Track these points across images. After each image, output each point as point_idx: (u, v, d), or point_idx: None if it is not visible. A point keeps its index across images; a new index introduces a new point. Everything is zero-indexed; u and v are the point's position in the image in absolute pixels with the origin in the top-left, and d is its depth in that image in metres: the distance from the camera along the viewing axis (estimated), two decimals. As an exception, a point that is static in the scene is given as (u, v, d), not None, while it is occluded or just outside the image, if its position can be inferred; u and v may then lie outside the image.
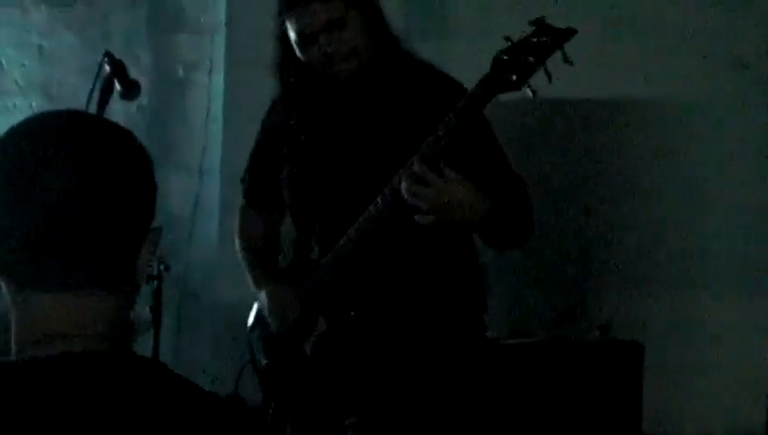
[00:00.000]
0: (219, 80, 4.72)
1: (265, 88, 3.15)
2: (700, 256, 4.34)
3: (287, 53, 2.94)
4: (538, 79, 2.66)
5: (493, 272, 4.18)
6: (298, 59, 2.92)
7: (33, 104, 4.83)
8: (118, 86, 3.30)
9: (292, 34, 2.90)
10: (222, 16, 4.73)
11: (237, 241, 3.24)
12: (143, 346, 3.74)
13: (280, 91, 3.05)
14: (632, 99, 4.40)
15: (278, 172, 3.07)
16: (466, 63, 2.70)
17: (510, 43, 2.59)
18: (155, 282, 3.78)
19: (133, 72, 3.39)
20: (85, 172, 1.37)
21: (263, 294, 3.07)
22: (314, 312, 2.96)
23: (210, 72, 4.74)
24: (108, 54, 3.34)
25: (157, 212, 1.44)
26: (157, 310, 3.79)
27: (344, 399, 2.96)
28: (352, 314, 2.91)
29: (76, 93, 4.61)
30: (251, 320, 3.16)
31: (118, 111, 3.41)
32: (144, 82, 3.51)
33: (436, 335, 2.92)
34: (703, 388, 4.31)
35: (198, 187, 4.56)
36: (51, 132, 1.40)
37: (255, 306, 3.14)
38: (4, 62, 4.86)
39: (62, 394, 1.33)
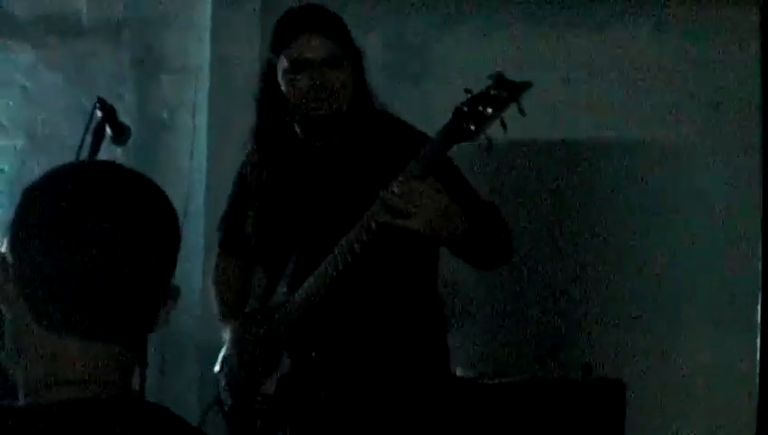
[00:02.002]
0: (203, 121, 4.74)
1: (248, 130, 3.18)
2: (681, 294, 4.37)
3: (269, 90, 3.00)
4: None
5: (474, 311, 4.22)
6: (278, 97, 2.97)
7: (17, 145, 4.83)
8: (108, 131, 3.40)
9: (283, 65, 2.94)
10: (206, 57, 4.75)
11: (211, 285, 3.32)
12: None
13: (256, 126, 3.09)
14: (609, 139, 4.45)
15: (249, 219, 3.14)
16: (444, 105, 2.74)
17: (469, 96, 2.66)
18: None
19: (117, 113, 3.47)
20: (122, 225, 1.39)
21: (226, 332, 3.15)
22: (278, 350, 3.00)
23: (194, 113, 4.76)
24: (100, 100, 3.45)
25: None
26: (142, 353, 3.79)
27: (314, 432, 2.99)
28: (313, 354, 2.95)
29: (60, 134, 4.63)
30: (219, 359, 3.19)
31: (103, 153, 3.46)
32: (128, 124, 3.55)
33: (396, 378, 2.95)
34: (684, 425, 4.33)
35: (183, 229, 4.57)
36: (89, 183, 1.42)
37: (224, 348, 3.18)
38: (-13, 102, 4.87)
39: None
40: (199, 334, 4.63)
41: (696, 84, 4.37)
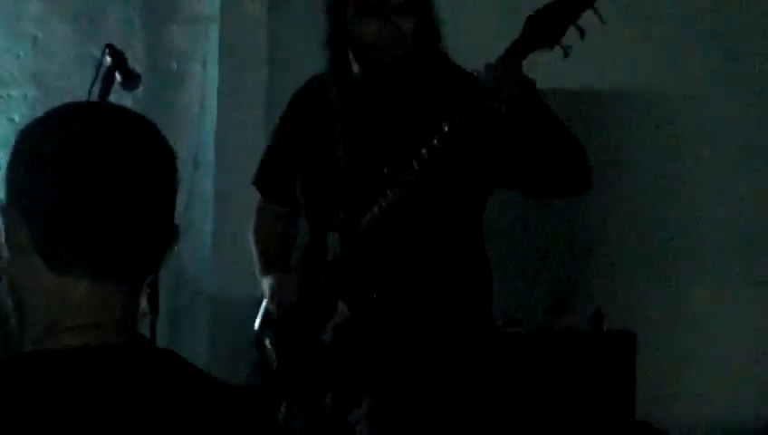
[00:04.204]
0: (213, 72, 4.72)
1: (259, 80, 3.16)
2: (691, 245, 4.36)
3: (338, 28, 2.93)
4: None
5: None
6: (346, 35, 2.92)
7: (28, 95, 4.83)
8: (118, 78, 3.36)
9: (351, 7, 2.88)
10: (216, 8, 4.73)
11: (251, 236, 3.18)
12: (139, 336, 3.75)
13: (326, 67, 3.01)
14: (624, 90, 4.42)
15: (298, 162, 3.05)
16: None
17: (543, 6, 2.70)
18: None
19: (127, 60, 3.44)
20: (123, 161, 1.39)
21: (266, 281, 3.05)
22: (332, 298, 2.94)
23: (204, 63, 4.75)
24: (109, 46, 3.40)
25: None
26: (154, 301, 3.80)
27: (359, 386, 2.94)
28: (375, 296, 2.90)
29: (71, 84, 4.62)
30: (259, 318, 3.11)
31: (112, 100, 3.44)
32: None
33: (453, 319, 2.94)
34: (695, 375, 4.34)
35: (192, 179, 4.57)
36: (86, 122, 1.43)
37: (262, 309, 3.10)
38: (-2, 52, 4.86)
39: (99, 386, 1.35)
40: (210, 284, 4.65)
41: (713, 33, 4.33)
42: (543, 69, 2.63)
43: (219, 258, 4.62)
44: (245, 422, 1.42)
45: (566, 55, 2.72)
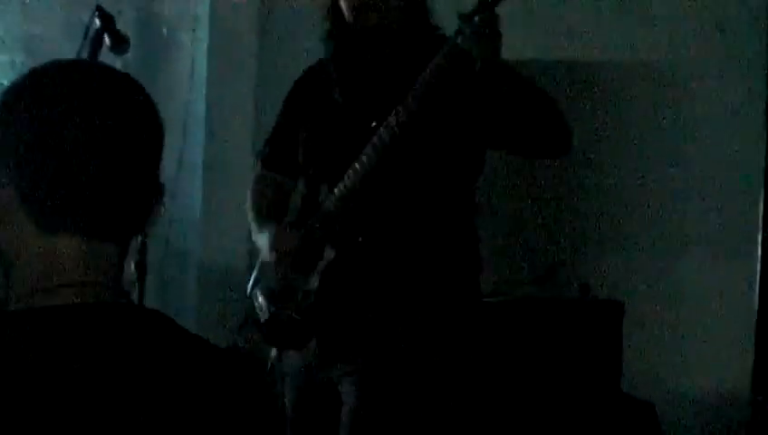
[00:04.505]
0: (204, 38, 4.71)
1: (249, 46, 3.16)
2: (679, 216, 4.37)
3: (335, 4, 3.04)
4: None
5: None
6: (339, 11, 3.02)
7: (16, 60, 4.81)
8: (107, 41, 3.33)
9: None
10: (206, -26, 4.71)
11: (248, 199, 3.26)
12: (127, 302, 3.75)
13: (325, 38, 3.11)
14: (614, 61, 4.42)
15: (300, 133, 3.14)
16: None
17: None
18: (140, 238, 3.79)
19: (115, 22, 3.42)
20: (107, 118, 1.40)
21: (263, 235, 3.11)
22: (320, 242, 3.00)
23: (194, 29, 4.73)
24: (98, 8, 3.38)
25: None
26: (142, 266, 3.80)
27: (342, 340, 3.00)
28: (360, 239, 2.96)
29: (59, 48, 4.59)
30: (252, 276, 3.18)
31: (99, 64, 3.42)
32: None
33: (438, 272, 2.99)
34: (682, 346, 4.36)
35: (182, 144, 4.56)
36: (69, 80, 1.43)
37: (258, 262, 3.16)
38: (-14, 18, 4.84)
39: (82, 344, 1.36)
40: (200, 252, 4.65)
41: (702, 6, 4.33)
42: (536, 40, 2.62)
43: (208, 225, 4.61)
44: (233, 380, 1.44)
45: None
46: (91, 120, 1.39)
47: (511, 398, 3.87)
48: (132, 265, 3.73)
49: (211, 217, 4.59)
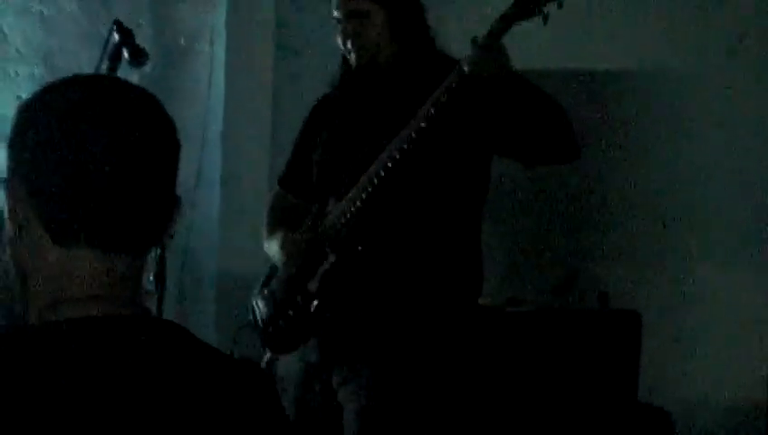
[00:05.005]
0: (221, 50, 4.72)
1: (267, 57, 3.19)
2: (699, 225, 4.36)
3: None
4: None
5: (491, 241, 4.22)
6: None
7: (35, 72, 4.83)
8: (125, 54, 3.38)
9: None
10: (223, -16, 4.73)
11: (265, 217, 3.35)
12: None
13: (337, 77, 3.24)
14: (628, 69, 4.42)
15: (314, 154, 3.23)
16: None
17: None
18: (158, 249, 3.80)
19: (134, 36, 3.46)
20: (123, 132, 1.41)
21: (275, 241, 3.20)
22: (323, 247, 3.07)
23: (212, 42, 4.75)
24: (117, 23, 3.43)
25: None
26: (161, 277, 3.81)
27: (340, 338, 3.07)
28: (359, 248, 3.02)
29: (77, 61, 4.62)
30: (261, 281, 3.28)
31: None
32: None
33: (435, 285, 3.06)
34: (700, 356, 4.35)
35: (200, 157, 4.58)
36: (85, 94, 1.43)
37: (262, 277, 3.26)
38: (5, 29, 4.86)
39: (101, 357, 1.37)
40: (217, 264, 4.66)
41: (718, 15, 4.33)
42: (545, 49, 2.64)
43: (226, 237, 4.63)
44: (250, 393, 1.44)
45: (545, 23, 2.82)
46: (106, 135, 1.39)
47: (528, 406, 3.87)
48: (151, 276, 3.75)
49: (228, 228, 4.61)
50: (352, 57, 3.10)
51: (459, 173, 3.07)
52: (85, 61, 4.43)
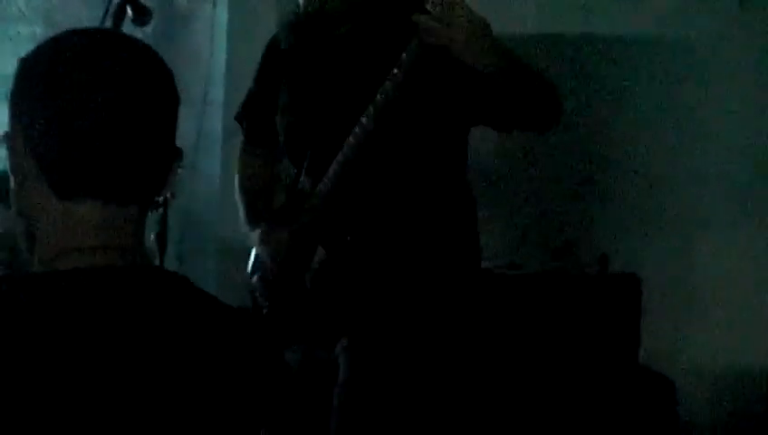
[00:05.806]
0: (223, 12, 4.71)
1: (269, 20, 3.17)
2: (699, 191, 4.36)
3: None
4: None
5: (490, 206, 4.23)
6: None
7: (37, 32, 4.82)
8: (129, 12, 3.37)
9: None
10: (226, -53, 4.72)
11: (236, 181, 3.27)
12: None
13: (288, 19, 3.06)
14: (628, 34, 4.41)
15: (276, 105, 3.10)
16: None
17: None
18: (160, 209, 3.80)
19: (136, 4, 3.44)
20: (123, 83, 1.41)
21: (255, 235, 3.12)
22: (311, 242, 2.99)
23: (214, 4, 4.74)
24: None
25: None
26: (162, 237, 3.82)
27: (339, 325, 3.00)
28: (348, 238, 2.94)
29: (79, 20, 4.60)
30: (250, 264, 3.18)
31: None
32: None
33: (430, 259, 2.96)
34: (700, 320, 4.36)
35: (201, 118, 4.58)
36: (85, 47, 1.44)
37: (254, 251, 3.17)
38: (7, -11, 4.85)
39: (103, 306, 1.38)
40: (219, 223, 4.66)
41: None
42: (546, 13, 2.61)
43: (227, 198, 4.62)
44: (251, 341, 1.47)
45: None
46: (105, 85, 1.40)
47: (528, 371, 3.88)
48: (153, 237, 3.75)
49: (230, 189, 4.61)
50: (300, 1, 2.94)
51: (436, 140, 2.93)
52: (88, 20, 4.41)
